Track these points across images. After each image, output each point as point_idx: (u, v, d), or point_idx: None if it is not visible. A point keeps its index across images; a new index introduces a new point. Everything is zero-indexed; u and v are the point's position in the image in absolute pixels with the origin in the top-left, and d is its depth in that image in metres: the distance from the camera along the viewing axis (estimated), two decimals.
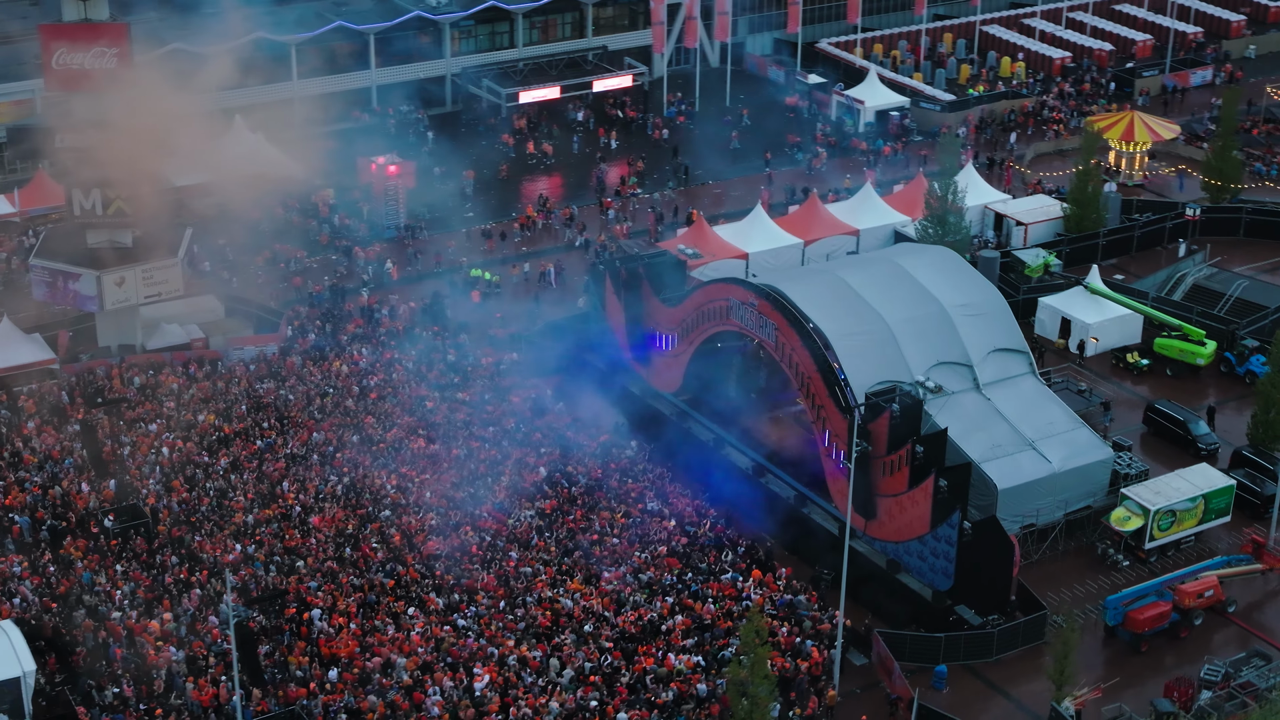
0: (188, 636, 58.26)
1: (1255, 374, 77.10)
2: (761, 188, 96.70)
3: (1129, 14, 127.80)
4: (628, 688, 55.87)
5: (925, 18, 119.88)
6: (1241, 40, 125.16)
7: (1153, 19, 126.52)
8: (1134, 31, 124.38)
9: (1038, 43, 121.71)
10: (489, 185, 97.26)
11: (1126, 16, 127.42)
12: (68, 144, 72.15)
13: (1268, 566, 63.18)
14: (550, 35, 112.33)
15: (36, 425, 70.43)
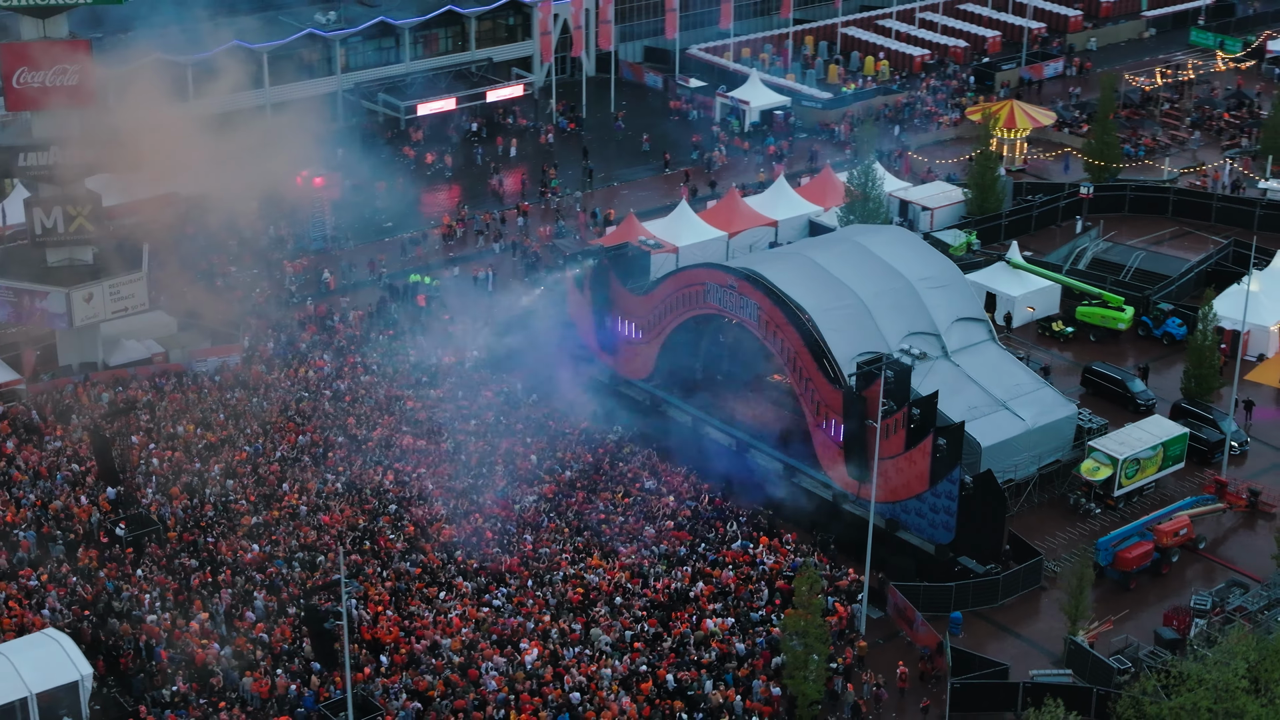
0: (230, 633, 58.97)
1: (1172, 335, 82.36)
2: (680, 185, 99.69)
3: (975, 13, 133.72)
4: (671, 651, 58.14)
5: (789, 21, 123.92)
6: (1083, 33, 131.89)
7: (999, 16, 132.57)
8: (984, 29, 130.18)
9: (896, 41, 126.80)
10: (397, 196, 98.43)
11: (974, 15, 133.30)
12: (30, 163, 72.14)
13: (1229, 504, 67.98)
14: (434, 49, 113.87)
15: (15, 444, 70.23)
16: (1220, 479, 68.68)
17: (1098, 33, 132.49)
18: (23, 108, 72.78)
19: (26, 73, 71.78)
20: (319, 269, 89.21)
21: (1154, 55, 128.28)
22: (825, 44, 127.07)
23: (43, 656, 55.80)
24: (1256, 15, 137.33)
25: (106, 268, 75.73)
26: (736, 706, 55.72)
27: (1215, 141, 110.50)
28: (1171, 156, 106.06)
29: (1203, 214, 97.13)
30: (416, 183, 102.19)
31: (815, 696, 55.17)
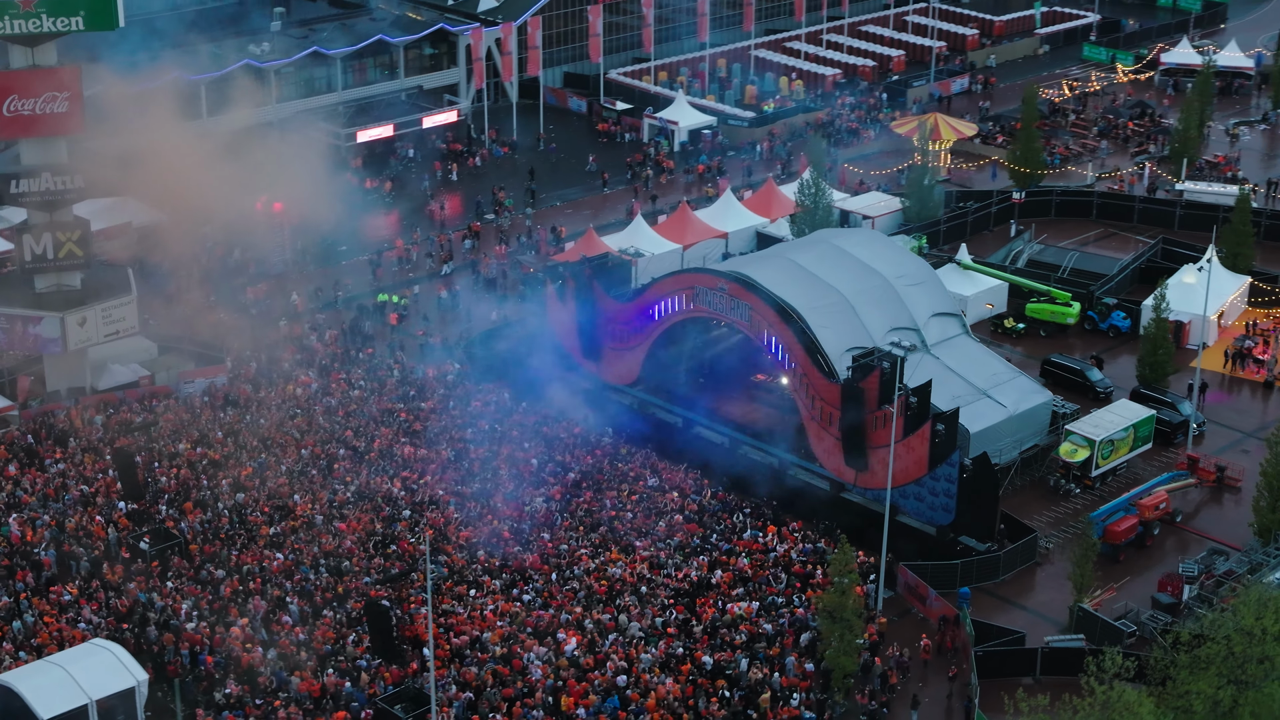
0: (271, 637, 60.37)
1: (1118, 328, 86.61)
2: (633, 200, 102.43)
3: (878, 34, 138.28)
4: (704, 634, 60.62)
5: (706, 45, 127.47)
6: (982, 51, 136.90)
7: (900, 37, 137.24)
8: (888, 49, 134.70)
9: (806, 62, 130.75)
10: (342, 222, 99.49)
11: (877, 36, 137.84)
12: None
13: (1199, 480, 72.04)
14: (364, 78, 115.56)
15: (18, 467, 70.90)
16: (1193, 455, 72.73)
17: (996, 50, 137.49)
18: (14, 135, 73.50)
19: (17, 100, 72.46)
20: (285, 292, 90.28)
21: (1050, 70, 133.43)
22: (739, 66, 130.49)
23: (97, 665, 56.79)
24: (1141, 30, 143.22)
25: (94, 292, 76.50)
26: (775, 683, 58.09)
27: (1123, 149, 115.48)
28: (1086, 164, 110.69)
29: (1125, 216, 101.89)
30: (360, 208, 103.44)
31: (852, 669, 57.90)
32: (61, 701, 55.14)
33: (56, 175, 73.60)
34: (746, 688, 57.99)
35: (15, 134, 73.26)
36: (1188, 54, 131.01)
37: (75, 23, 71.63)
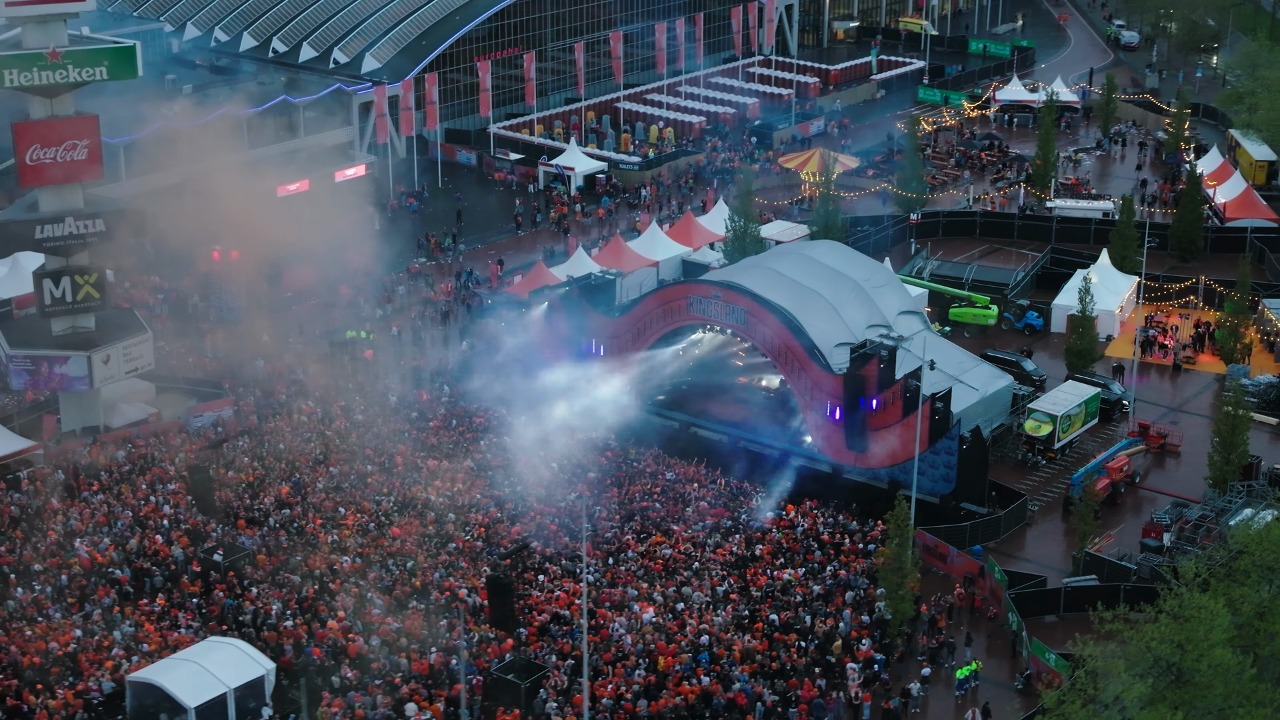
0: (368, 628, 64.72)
1: (1032, 326, 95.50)
2: (570, 236, 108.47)
3: (729, 84, 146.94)
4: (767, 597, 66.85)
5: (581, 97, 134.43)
6: (827, 96, 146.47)
7: (749, 86, 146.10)
8: (744, 97, 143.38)
9: (670, 111, 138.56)
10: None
11: (729, 86, 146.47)
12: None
13: (1148, 446, 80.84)
14: (265, 138, 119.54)
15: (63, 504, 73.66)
16: (1144, 423, 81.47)
17: (840, 95, 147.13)
18: (35, 183, 76.27)
19: (39, 149, 75.52)
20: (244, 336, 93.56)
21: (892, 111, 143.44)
22: (607, 118, 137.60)
23: (225, 657, 60.58)
24: (965, 74, 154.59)
25: (108, 333, 79.62)
26: (841, 632, 64.54)
27: (981, 176, 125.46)
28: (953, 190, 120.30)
29: (1006, 232, 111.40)
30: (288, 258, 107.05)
31: (910, 614, 64.67)
32: (203, 691, 58.79)
33: (78, 220, 76.63)
34: (816, 638, 64.08)
35: (37, 182, 76.07)
36: (1019, 92, 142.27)
37: (99, 72, 75.24)
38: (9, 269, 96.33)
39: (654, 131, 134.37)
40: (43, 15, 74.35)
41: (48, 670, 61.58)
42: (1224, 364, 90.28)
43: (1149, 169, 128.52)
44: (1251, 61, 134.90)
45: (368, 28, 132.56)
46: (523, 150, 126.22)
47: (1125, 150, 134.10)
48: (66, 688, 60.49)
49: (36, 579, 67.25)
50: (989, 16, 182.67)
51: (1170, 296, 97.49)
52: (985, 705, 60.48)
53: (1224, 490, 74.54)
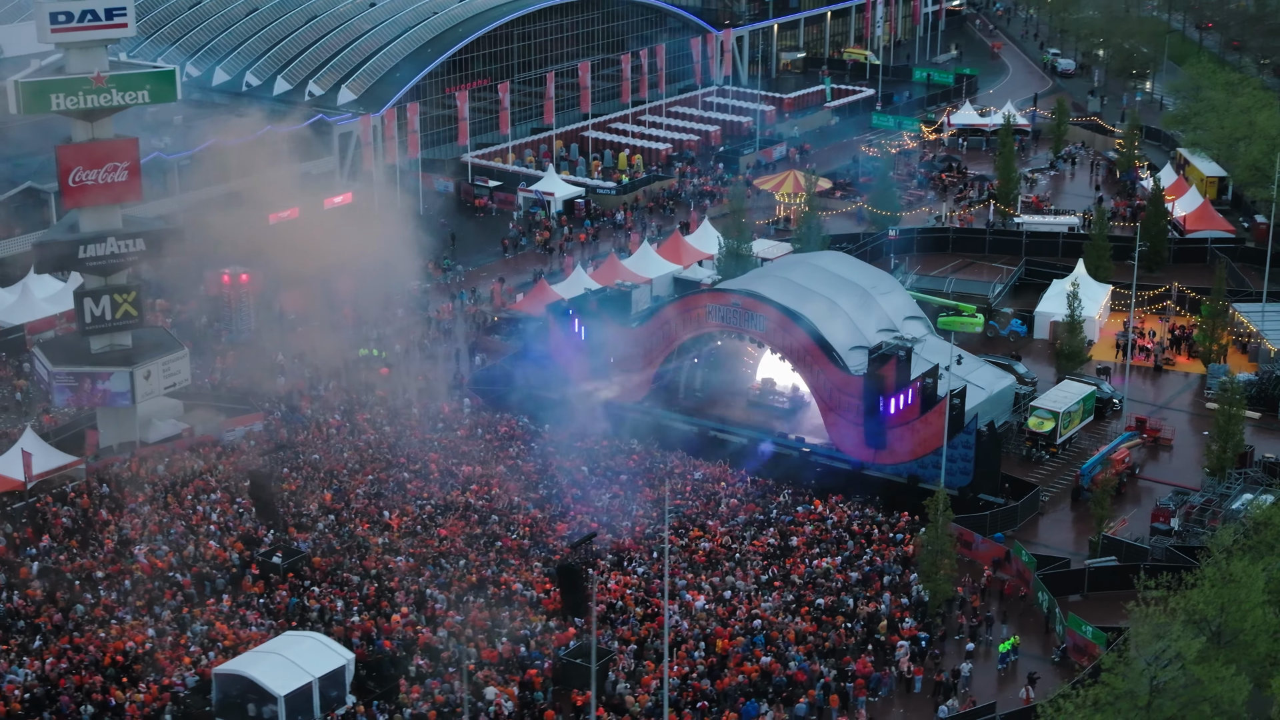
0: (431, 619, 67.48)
1: (1017, 333, 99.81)
2: (565, 255, 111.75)
3: (688, 113, 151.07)
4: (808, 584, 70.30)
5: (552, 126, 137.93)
6: (785, 123, 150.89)
7: (708, 114, 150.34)
8: (705, 125, 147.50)
9: (635, 139, 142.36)
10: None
11: (688, 115, 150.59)
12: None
13: (1145, 439, 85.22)
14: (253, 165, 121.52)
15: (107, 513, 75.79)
16: (1141, 418, 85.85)
17: (797, 122, 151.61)
18: (78, 204, 78.39)
19: (81, 171, 77.78)
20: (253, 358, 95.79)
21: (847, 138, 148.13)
22: (575, 146, 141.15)
23: (306, 649, 63.00)
24: (914, 101, 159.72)
25: (144, 350, 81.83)
26: (884, 613, 68.08)
27: (943, 195, 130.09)
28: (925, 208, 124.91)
29: (978, 247, 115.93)
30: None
31: (950, 594, 68.35)
32: (290, 681, 61.17)
33: (120, 240, 78.85)
34: (861, 620, 67.56)
35: (79, 203, 78.15)
36: (972, 116, 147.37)
37: (142, 96, 77.65)
38: (19, 296, 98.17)
39: (622, 159, 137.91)
40: (85, 41, 76.60)
41: (129, 668, 63.62)
42: (1202, 365, 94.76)
43: (1103, 187, 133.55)
44: (1195, 84, 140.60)
45: (340, 61, 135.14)
46: (499, 177, 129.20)
47: (1076, 170, 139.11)
48: (151, 682, 62.43)
49: (99, 585, 69.16)
50: (927, 47, 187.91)
51: (1144, 303, 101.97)
52: (1031, 675, 64.02)
53: (1222, 478, 78.74)
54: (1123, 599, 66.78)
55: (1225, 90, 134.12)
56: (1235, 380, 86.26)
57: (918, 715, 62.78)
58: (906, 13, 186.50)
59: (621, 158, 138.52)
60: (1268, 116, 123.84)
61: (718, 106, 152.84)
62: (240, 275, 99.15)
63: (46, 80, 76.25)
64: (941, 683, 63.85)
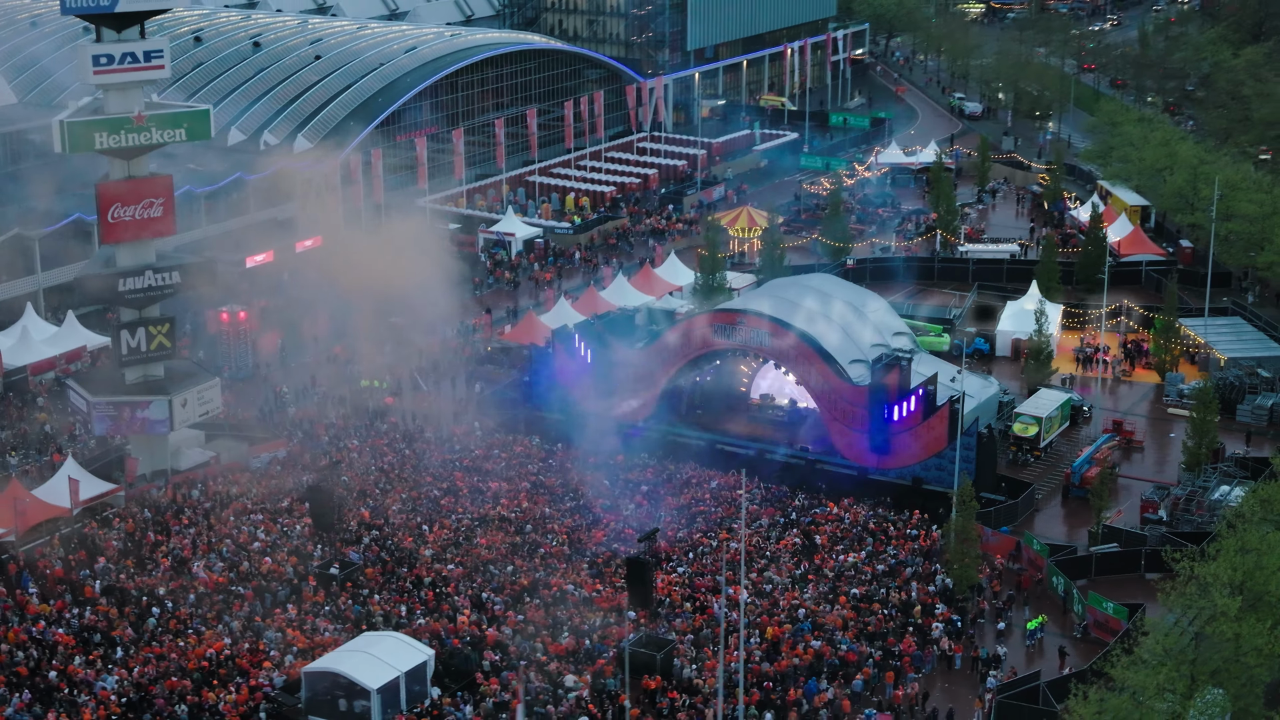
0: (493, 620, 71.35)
1: (980, 350, 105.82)
2: (547, 288, 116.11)
3: (623, 157, 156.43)
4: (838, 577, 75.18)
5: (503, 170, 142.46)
6: (718, 166, 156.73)
7: (645, 159, 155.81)
8: (644, 169, 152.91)
9: (579, 182, 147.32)
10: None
11: (625, 159, 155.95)
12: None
13: (1121, 439, 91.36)
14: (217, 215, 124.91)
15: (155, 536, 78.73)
16: (1118, 421, 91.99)
17: (730, 165, 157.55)
18: (116, 240, 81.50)
19: (120, 208, 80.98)
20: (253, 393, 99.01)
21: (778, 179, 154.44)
22: (522, 190, 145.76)
23: (389, 647, 66.53)
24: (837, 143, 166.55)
25: (175, 380, 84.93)
26: (913, 599, 73.10)
27: (884, 229, 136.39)
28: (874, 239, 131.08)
29: (927, 275, 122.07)
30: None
31: (975, 581, 73.53)
32: (380, 675, 64.64)
33: (156, 273, 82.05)
34: (895, 606, 72.50)
35: (118, 238, 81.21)
36: (899, 155, 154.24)
37: (179, 134, 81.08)
38: (18, 338, 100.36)
39: (569, 201, 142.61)
40: (124, 83, 79.88)
41: (214, 672, 66.73)
42: (1157, 375, 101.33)
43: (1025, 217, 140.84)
44: (1109, 121, 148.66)
45: (293, 112, 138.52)
46: (458, 220, 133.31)
47: (1000, 203, 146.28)
48: (241, 684, 65.61)
49: (163, 600, 72.12)
50: (837, 94, 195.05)
51: (1094, 321, 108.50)
52: (1061, 649, 69.32)
53: (1199, 473, 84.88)
54: (1126, 582, 72.90)
55: (1140, 126, 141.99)
56: (1181, 387, 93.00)
57: (965, 687, 67.52)
58: (816, 61, 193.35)
59: (569, 200, 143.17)
60: (1188, 148, 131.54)
61: (651, 151, 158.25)
62: (239, 313, 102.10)
63: (91, 120, 79.29)
64: (978, 658, 68.75)
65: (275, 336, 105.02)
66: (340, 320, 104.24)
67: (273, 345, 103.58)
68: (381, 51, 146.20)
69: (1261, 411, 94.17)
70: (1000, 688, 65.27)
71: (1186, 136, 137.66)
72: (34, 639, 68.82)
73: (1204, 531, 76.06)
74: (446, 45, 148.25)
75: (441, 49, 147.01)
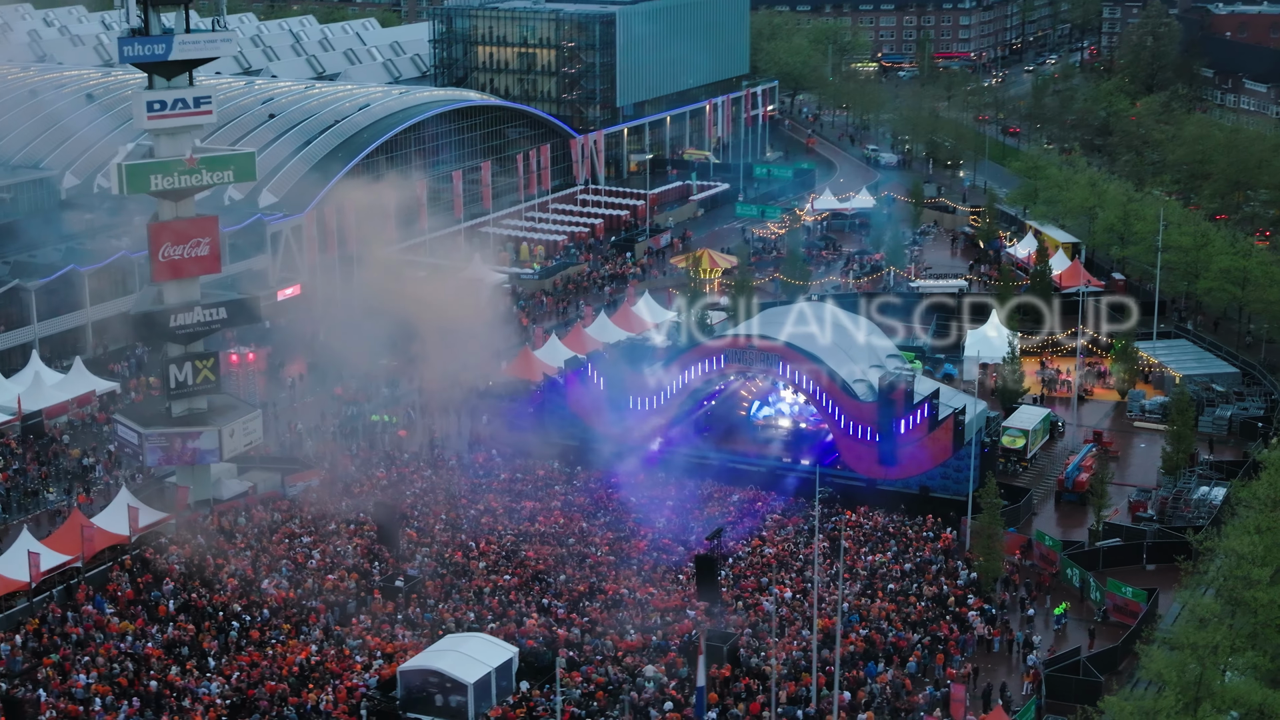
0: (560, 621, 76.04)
1: (950, 375, 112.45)
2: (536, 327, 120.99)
3: (568, 208, 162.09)
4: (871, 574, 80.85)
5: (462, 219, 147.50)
6: (660, 215, 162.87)
7: (589, 210, 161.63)
8: (590, 219, 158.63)
9: (529, 231, 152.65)
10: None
11: (570, 210, 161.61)
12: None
13: (1102, 448, 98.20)
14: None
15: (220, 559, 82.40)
16: (1098, 432, 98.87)
17: (670, 213, 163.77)
18: (167, 278, 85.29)
19: (170, 247, 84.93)
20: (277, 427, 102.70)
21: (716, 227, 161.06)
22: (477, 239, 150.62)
23: (476, 646, 71.04)
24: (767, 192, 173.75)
25: (218, 412, 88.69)
26: (945, 592, 78.91)
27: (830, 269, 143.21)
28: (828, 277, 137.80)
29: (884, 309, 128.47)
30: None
31: (1000, 574, 79.51)
32: (474, 671, 69.12)
33: (205, 309, 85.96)
34: (928, 599, 78.25)
35: (168, 276, 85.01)
36: (833, 201, 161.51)
37: (227, 176, 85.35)
38: (31, 383, 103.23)
39: (524, 249, 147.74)
40: (174, 128, 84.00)
41: (307, 677, 70.70)
42: (1118, 394, 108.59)
43: (960, 256, 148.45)
44: (1034, 165, 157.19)
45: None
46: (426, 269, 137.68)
47: (933, 245, 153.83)
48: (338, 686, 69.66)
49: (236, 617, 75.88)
50: (754, 148, 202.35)
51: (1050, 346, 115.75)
52: (1090, 629, 75.47)
53: (1178, 475, 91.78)
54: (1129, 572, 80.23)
55: (1064, 170, 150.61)
56: (1143, 403, 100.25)
57: (1005, 667, 73.33)
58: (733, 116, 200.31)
59: (524, 248, 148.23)
60: (1115, 187, 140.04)
61: (593, 202, 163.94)
62: (248, 354, 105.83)
63: (147, 163, 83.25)
64: (1013, 641, 74.64)
65: (285, 372, 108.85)
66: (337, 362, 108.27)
67: (273, 382, 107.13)
68: (335, 109, 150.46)
69: (1221, 421, 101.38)
70: (1046, 663, 71.01)
71: (1112, 178, 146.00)
72: (126, 653, 72.12)
73: (1195, 525, 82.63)
74: (398, 102, 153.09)
75: (393, 105, 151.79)
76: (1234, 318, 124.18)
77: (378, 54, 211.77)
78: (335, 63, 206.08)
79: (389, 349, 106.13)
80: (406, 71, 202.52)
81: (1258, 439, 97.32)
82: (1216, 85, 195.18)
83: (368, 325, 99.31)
